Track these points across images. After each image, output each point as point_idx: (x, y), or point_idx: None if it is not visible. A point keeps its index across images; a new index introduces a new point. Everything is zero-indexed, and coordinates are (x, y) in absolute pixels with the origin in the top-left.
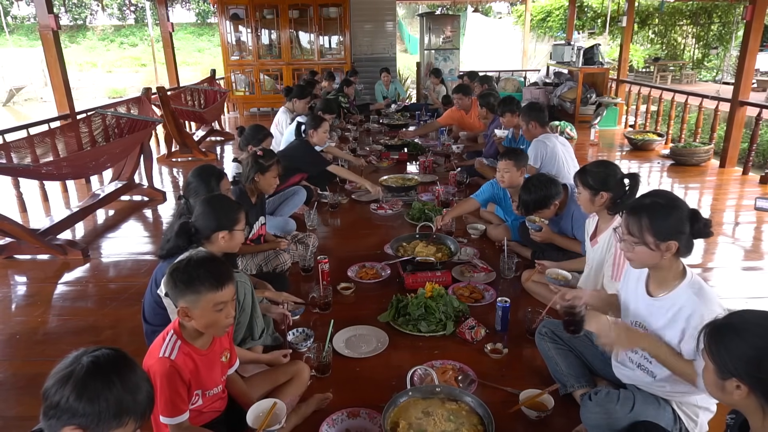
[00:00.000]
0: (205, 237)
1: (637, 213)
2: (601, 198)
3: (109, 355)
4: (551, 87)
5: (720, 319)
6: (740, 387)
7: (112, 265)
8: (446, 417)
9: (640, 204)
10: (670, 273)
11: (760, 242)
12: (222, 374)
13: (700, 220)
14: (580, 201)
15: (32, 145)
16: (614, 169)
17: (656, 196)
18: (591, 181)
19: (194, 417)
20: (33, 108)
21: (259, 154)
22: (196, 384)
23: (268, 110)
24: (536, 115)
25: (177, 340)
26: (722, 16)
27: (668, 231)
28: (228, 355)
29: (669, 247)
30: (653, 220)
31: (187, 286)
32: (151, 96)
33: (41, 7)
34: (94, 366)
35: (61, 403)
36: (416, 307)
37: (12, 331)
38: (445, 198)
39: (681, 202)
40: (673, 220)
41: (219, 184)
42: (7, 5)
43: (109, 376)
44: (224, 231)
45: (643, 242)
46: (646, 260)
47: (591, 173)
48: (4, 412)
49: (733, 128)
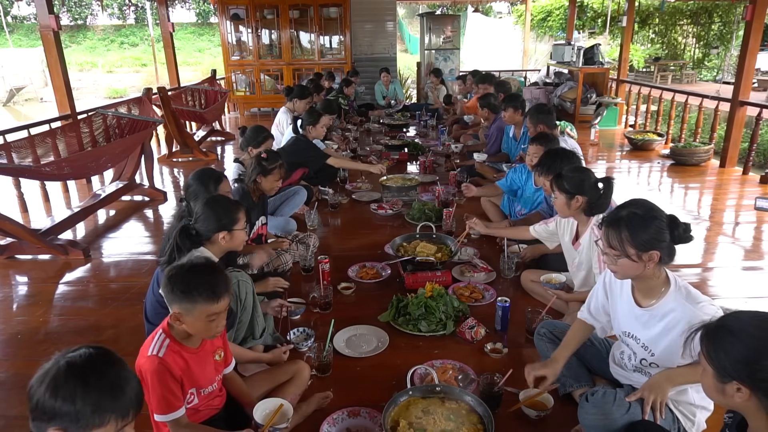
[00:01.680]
0: (206, 238)
1: (616, 226)
2: (576, 202)
3: (88, 355)
4: (551, 87)
5: (714, 322)
6: (741, 390)
7: (113, 265)
8: (446, 416)
9: (617, 216)
10: (655, 282)
11: (760, 242)
12: (217, 372)
13: (680, 225)
14: (557, 205)
15: (33, 145)
16: (588, 174)
17: (633, 206)
18: (567, 185)
19: (191, 415)
20: (33, 108)
21: (264, 156)
22: (190, 382)
23: (268, 110)
24: (545, 118)
25: (166, 338)
26: (723, 15)
27: (648, 241)
28: (222, 354)
29: (651, 257)
30: (632, 231)
31: (184, 295)
32: (151, 96)
33: (42, 7)
34: (69, 366)
35: (39, 403)
36: (416, 306)
37: (13, 330)
38: (445, 198)
39: (659, 211)
40: (653, 229)
41: (218, 188)
42: (7, 5)
43: (84, 376)
44: (224, 231)
45: (625, 254)
46: (630, 272)
47: (566, 178)
48: (6, 412)
49: (734, 128)
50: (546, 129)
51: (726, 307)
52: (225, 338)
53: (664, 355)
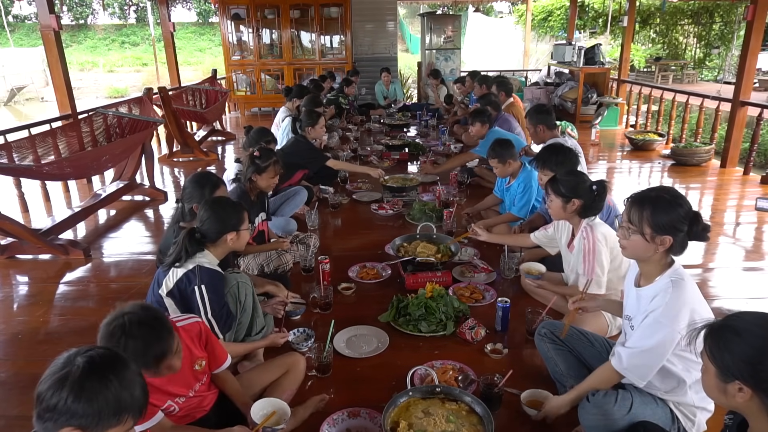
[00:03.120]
0: (211, 240)
1: (641, 203)
2: (572, 205)
3: (103, 354)
4: (552, 87)
5: (718, 321)
6: (743, 389)
7: (113, 265)
8: (446, 417)
9: (645, 195)
10: (657, 266)
11: (760, 243)
12: (196, 380)
13: (700, 223)
14: (552, 208)
15: (34, 145)
16: (583, 177)
17: (662, 190)
18: (563, 189)
19: (178, 420)
20: (34, 108)
21: (256, 154)
22: (163, 396)
23: (269, 110)
24: (543, 118)
25: None
26: (724, 15)
27: (666, 225)
28: (202, 363)
29: (663, 242)
30: (655, 211)
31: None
32: (152, 96)
33: (42, 7)
34: (90, 366)
35: (59, 405)
36: (417, 307)
37: (14, 330)
38: (445, 198)
39: (685, 202)
40: (674, 215)
41: (213, 192)
42: (8, 4)
43: (105, 375)
44: (232, 232)
45: (640, 232)
46: (639, 250)
47: (562, 182)
48: (7, 412)
49: (734, 128)
50: (546, 129)
51: (722, 308)
52: (213, 345)
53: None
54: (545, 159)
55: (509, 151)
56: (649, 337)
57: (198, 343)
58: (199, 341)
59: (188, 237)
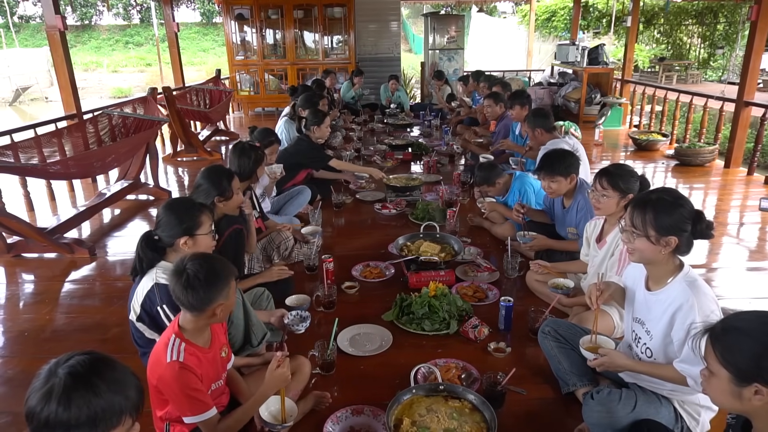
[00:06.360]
0: (168, 245)
1: (643, 207)
2: (626, 200)
3: (84, 360)
4: (556, 87)
5: (719, 324)
6: (759, 391)
7: (118, 264)
8: (449, 414)
9: (646, 198)
10: (666, 268)
11: (764, 243)
12: (223, 369)
13: (703, 221)
14: (605, 203)
15: (39, 144)
16: (634, 171)
17: (663, 192)
18: (622, 184)
19: None
20: (39, 108)
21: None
22: (205, 381)
23: (272, 110)
24: (542, 122)
25: (181, 342)
26: (728, 15)
27: (670, 226)
28: (226, 350)
29: (668, 243)
30: (657, 214)
31: None
32: (156, 96)
33: (48, 7)
34: (72, 375)
35: (50, 419)
36: (420, 306)
37: (20, 328)
38: (449, 198)
39: (686, 201)
40: (677, 216)
41: (231, 184)
42: (13, 5)
43: (91, 381)
44: (185, 236)
45: (645, 235)
46: (645, 253)
47: (621, 177)
48: (14, 408)
49: (738, 128)
50: (544, 132)
51: (727, 308)
52: (226, 333)
53: (658, 338)
54: (551, 166)
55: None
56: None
57: (221, 327)
58: (221, 325)
59: (144, 241)
